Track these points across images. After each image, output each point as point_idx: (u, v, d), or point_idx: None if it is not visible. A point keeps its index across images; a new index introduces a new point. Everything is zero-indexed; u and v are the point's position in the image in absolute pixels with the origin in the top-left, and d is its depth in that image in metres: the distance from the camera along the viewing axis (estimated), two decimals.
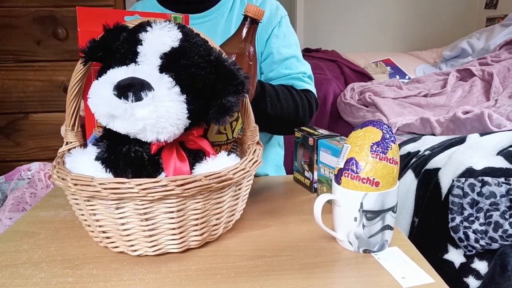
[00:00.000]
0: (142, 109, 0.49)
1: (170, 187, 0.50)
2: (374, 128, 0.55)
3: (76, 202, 0.55)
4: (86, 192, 0.50)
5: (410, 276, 0.51)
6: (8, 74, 1.61)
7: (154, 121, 0.50)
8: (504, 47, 2.09)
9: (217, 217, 0.58)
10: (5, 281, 0.51)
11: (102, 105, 0.51)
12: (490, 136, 1.01)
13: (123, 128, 0.52)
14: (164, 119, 0.51)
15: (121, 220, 0.53)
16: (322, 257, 0.56)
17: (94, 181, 0.50)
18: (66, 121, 0.60)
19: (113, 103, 0.49)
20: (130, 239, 0.55)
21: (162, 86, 0.51)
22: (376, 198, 0.53)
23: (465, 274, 0.84)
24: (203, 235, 0.58)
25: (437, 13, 3.20)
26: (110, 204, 0.52)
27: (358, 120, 1.74)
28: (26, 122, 1.67)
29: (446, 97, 1.79)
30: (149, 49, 0.53)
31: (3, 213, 1.31)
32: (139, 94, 0.49)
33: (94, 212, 0.54)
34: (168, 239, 0.55)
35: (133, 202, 0.51)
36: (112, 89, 0.49)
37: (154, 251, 0.56)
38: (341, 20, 3.16)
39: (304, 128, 0.79)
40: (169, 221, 0.53)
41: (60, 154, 0.60)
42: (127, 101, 0.49)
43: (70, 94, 0.58)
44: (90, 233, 0.58)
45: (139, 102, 0.49)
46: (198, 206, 0.54)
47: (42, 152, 1.70)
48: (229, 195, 0.58)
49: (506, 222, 0.78)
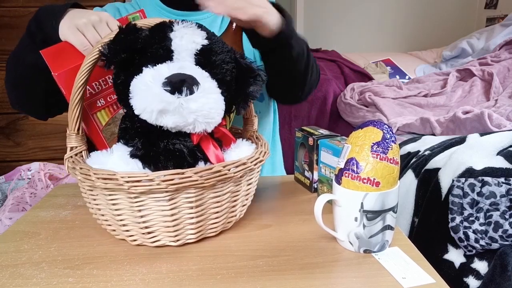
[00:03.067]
0: (195, 102, 0.53)
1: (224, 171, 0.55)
2: (375, 128, 0.55)
3: (109, 198, 0.55)
4: (140, 188, 0.52)
5: (411, 276, 0.51)
6: None
7: (206, 113, 0.54)
8: (504, 47, 2.09)
9: (233, 204, 0.62)
10: (5, 281, 0.51)
11: (153, 102, 0.52)
12: (490, 136, 1.01)
13: (173, 123, 0.53)
14: (214, 110, 0.55)
15: (171, 211, 0.55)
16: (322, 257, 0.56)
17: (153, 177, 0.52)
18: (70, 126, 0.59)
19: (166, 98, 0.51)
20: (176, 229, 0.57)
21: (206, 80, 0.55)
22: (377, 198, 0.53)
23: (465, 274, 0.84)
24: (223, 222, 0.61)
25: (437, 13, 3.19)
26: (163, 197, 0.53)
27: (358, 120, 1.74)
28: (26, 122, 1.67)
29: (446, 97, 1.79)
30: (181, 47, 0.56)
31: (3, 213, 1.31)
32: (192, 88, 0.52)
33: (141, 208, 0.55)
34: (187, 229, 0.58)
35: (186, 192, 0.54)
36: (161, 86, 0.52)
37: (176, 241, 0.58)
38: (341, 20, 3.16)
39: (305, 128, 0.79)
40: (189, 211, 0.56)
41: (69, 159, 0.59)
42: (180, 95, 0.52)
43: (74, 98, 0.57)
44: (124, 232, 0.59)
45: (191, 95, 0.52)
46: (217, 194, 0.58)
47: (42, 152, 1.70)
48: (244, 182, 0.62)
49: (506, 222, 0.78)
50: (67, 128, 0.59)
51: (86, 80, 0.57)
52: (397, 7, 3.19)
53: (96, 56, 0.57)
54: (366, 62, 2.46)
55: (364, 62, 2.46)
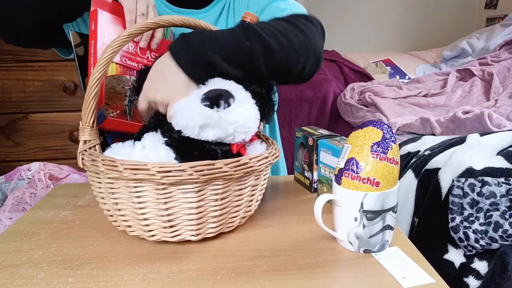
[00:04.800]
0: (233, 113, 0.56)
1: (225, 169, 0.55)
2: (375, 128, 0.55)
3: (134, 190, 0.55)
4: (172, 178, 0.52)
5: (411, 276, 0.51)
6: (8, 74, 1.61)
7: (244, 123, 0.57)
8: (504, 47, 2.09)
9: (251, 198, 0.64)
10: (5, 281, 0.51)
11: (195, 118, 0.55)
12: (490, 136, 1.01)
13: (214, 135, 0.56)
14: (251, 120, 0.58)
15: (198, 203, 0.56)
16: (322, 257, 0.56)
17: (185, 168, 0.52)
18: (84, 119, 0.58)
19: (207, 113, 0.55)
20: (199, 223, 0.58)
21: (240, 92, 0.59)
22: (377, 198, 0.53)
23: (465, 274, 0.84)
24: (241, 216, 0.62)
25: (437, 13, 3.19)
26: (192, 188, 0.54)
27: (358, 120, 1.74)
28: (26, 122, 1.67)
29: (446, 97, 1.79)
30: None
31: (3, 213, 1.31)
32: (229, 101, 0.56)
33: (167, 200, 0.55)
34: (209, 222, 0.59)
35: (213, 184, 0.56)
36: (200, 102, 0.55)
37: (197, 235, 0.59)
38: (341, 20, 3.16)
39: (304, 128, 0.79)
40: (213, 203, 0.57)
41: (85, 153, 0.57)
42: (219, 109, 0.55)
43: (90, 92, 0.56)
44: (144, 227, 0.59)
45: (229, 108, 0.56)
46: (240, 187, 0.59)
47: (42, 152, 1.70)
48: (262, 177, 0.64)
49: (506, 222, 0.78)
50: (80, 121, 0.58)
51: (103, 74, 0.57)
52: (397, 7, 3.19)
53: (114, 52, 0.57)
54: (366, 62, 2.46)
55: (364, 62, 2.46)
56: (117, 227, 0.61)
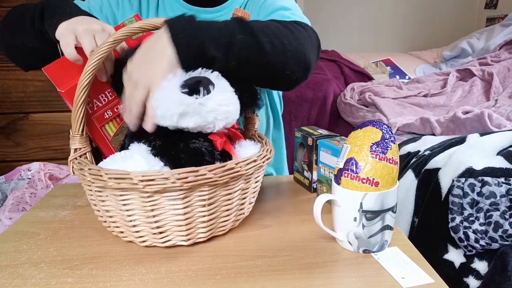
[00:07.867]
0: (212, 100, 0.54)
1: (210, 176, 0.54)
2: (374, 128, 0.55)
3: (121, 199, 0.55)
4: (155, 186, 0.52)
5: (410, 276, 0.51)
6: (8, 74, 1.61)
7: (224, 109, 0.55)
8: (504, 47, 2.09)
9: (242, 202, 0.63)
10: (4, 281, 0.51)
11: (174, 106, 0.54)
12: (490, 136, 1.01)
13: (194, 123, 0.55)
14: (232, 106, 0.57)
15: (184, 209, 0.55)
16: (322, 257, 0.56)
17: (168, 176, 0.52)
18: (73, 127, 0.58)
19: (186, 101, 0.53)
20: (188, 228, 0.57)
21: (219, 79, 0.57)
22: (376, 198, 0.53)
23: (465, 274, 0.84)
24: (232, 219, 0.62)
25: (437, 13, 3.20)
26: (177, 195, 0.54)
27: (358, 120, 1.74)
28: (26, 122, 1.67)
29: (446, 97, 1.79)
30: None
31: (3, 213, 1.31)
32: (208, 88, 0.54)
33: (153, 207, 0.55)
34: (199, 227, 0.58)
35: (199, 190, 0.55)
36: (180, 90, 0.54)
37: (188, 240, 0.58)
38: (341, 20, 3.16)
39: (304, 128, 0.79)
40: (201, 209, 0.57)
41: (75, 161, 0.58)
42: (198, 96, 0.54)
43: (78, 100, 0.56)
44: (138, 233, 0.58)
45: (208, 95, 0.54)
46: (229, 191, 0.58)
47: (42, 152, 1.70)
48: (252, 180, 0.63)
49: (506, 222, 0.78)
50: (70, 129, 0.58)
51: (90, 81, 0.56)
52: (397, 7, 3.19)
53: (100, 58, 0.56)
54: (366, 62, 2.46)
55: (364, 62, 2.46)
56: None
